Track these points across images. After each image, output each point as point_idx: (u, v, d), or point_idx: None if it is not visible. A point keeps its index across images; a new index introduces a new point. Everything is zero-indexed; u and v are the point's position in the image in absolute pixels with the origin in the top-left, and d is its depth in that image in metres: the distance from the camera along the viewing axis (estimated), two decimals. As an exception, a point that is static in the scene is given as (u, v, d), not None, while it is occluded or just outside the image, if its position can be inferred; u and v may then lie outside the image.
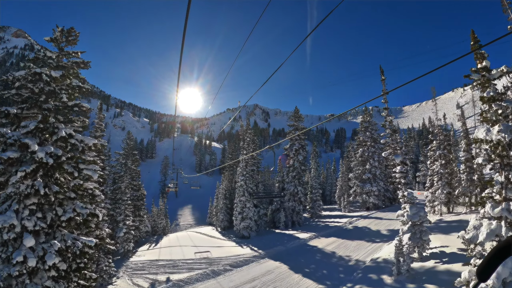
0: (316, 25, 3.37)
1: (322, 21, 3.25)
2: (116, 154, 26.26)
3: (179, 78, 3.57)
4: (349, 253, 18.48)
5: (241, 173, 26.85)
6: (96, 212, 9.78)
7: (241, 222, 26.39)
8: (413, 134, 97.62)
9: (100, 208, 14.79)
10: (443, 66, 2.92)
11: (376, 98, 3.81)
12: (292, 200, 30.98)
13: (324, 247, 20.25)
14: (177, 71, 3.34)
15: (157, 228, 33.04)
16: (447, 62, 2.83)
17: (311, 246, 21.01)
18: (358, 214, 32.56)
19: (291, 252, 19.47)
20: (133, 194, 25.58)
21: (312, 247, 20.84)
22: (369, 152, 36.78)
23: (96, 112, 25.70)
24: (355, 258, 17.29)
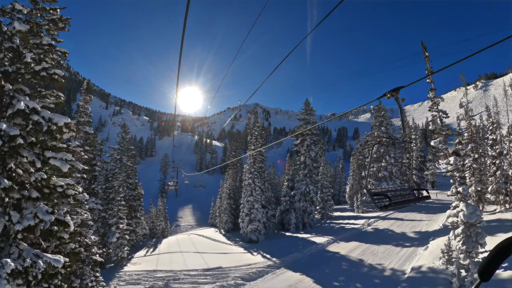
0: (316, 25, 3.41)
1: (322, 21, 3.27)
2: (110, 149, 23.38)
3: (179, 77, 3.65)
4: (379, 260, 15.79)
5: (248, 170, 24.04)
6: (66, 219, 6.93)
7: (249, 224, 23.58)
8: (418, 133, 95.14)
9: (84, 211, 11.97)
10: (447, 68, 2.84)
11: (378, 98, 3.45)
12: (303, 200, 28.20)
13: (347, 253, 17.52)
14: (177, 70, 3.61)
15: (156, 230, 30.16)
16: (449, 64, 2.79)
17: (332, 253, 18.27)
18: (375, 214, 29.86)
19: (310, 260, 16.70)
20: (128, 193, 22.72)
21: (333, 253, 18.10)
22: (384, 148, 34.01)
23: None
24: (389, 266, 14.61)
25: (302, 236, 24.29)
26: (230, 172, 32.06)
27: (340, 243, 20.46)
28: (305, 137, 29.74)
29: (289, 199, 29.08)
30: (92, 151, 20.71)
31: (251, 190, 23.44)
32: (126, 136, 23.79)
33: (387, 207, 2.98)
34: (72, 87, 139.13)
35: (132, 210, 22.57)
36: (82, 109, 13.24)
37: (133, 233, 23.19)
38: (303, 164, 28.70)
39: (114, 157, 22.89)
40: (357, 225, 25.77)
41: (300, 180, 28.30)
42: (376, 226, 24.90)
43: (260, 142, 25.44)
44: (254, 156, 24.22)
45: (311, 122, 30.15)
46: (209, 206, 52.70)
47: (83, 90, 13.43)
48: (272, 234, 26.83)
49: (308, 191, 28.13)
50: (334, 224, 29.03)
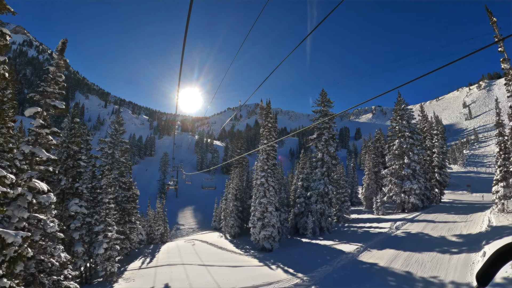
0: (316, 25, 3.26)
1: (322, 22, 3.12)
2: (101, 142, 19.82)
3: (180, 77, 3.52)
4: (431, 272, 12.45)
5: (261, 167, 20.52)
6: None
7: (261, 230, 20.02)
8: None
9: (49, 217, 8.44)
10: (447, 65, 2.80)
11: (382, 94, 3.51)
12: (320, 201, 24.70)
13: (388, 265, 14.04)
14: (178, 71, 3.24)
15: (154, 235, 26.51)
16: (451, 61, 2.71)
17: (368, 264, 14.78)
18: (399, 216, 26.44)
19: (345, 275, 13.18)
20: (121, 194, 19.12)
21: (370, 265, 14.62)
22: (407, 144, 30.54)
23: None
24: (447, 279, 11.25)
25: (323, 243, 20.79)
26: (236, 171, 28.53)
27: (372, 252, 17.11)
28: (322, 131, 26.29)
29: (304, 201, 25.57)
30: (77, 142, 17.17)
31: (264, 191, 19.90)
32: (119, 128, 20.25)
33: None
34: (70, 86, 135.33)
35: (125, 214, 18.97)
36: (52, 76, 9.61)
37: (126, 240, 19.58)
38: (320, 161, 25.21)
39: (104, 151, 19.31)
40: (384, 229, 22.48)
41: (317, 179, 24.80)
42: (407, 229, 21.64)
43: (273, 135, 21.93)
44: (267, 152, 20.70)
45: (328, 114, 26.69)
46: (211, 208, 49.03)
47: (57, 52, 9.85)
48: (286, 240, 23.30)
49: (326, 191, 24.66)
50: (354, 228, 25.61)
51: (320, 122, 26.39)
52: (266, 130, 21.48)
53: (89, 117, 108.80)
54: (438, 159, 37.00)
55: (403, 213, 28.84)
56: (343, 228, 26.42)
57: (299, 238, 23.89)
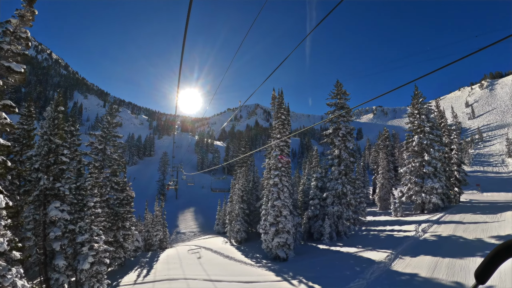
0: (315, 26, 3.29)
1: (321, 22, 3.14)
2: (91, 136, 17.07)
3: (180, 78, 3.50)
4: (488, 282, 9.49)
5: (274, 166, 17.80)
6: None
7: (275, 237, 17.28)
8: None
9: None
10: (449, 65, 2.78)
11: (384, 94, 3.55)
12: (337, 203, 22.02)
13: (430, 275, 11.46)
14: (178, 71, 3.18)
15: (152, 241, 23.65)
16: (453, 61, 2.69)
17: (407, 275, 12.17)
18: (422, 218, 23.89)
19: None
20: (113, 196, 16.33)
21: (410, 276, 12.04)
22: (427, 140, 27.98)
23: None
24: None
25: (345, 250, 18.12)
26: (242, 171, 25.80)
27: (405, 259, 14.62)
28: (339, 125, 23.66)
29: (318, 203, 22.89)
30: (60, 135, 14.43)
31: (278, 192, 17.16)
32: (112, 121, 17.52)
33: None
34: (69, 85, 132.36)
35: (118, 219, 16.20)
36: (12, 30, 6.76)
37: (120, 248, 16.78)
38: (337, 158, 22.54)
39: (94, 147, 16.55)
40: (409, 232, 20.05)
41: (334, 178, 22.11)
42: (436, 232, 19.25)
43: (287, 129, 19.23)
44: (280, 147, 18.00)
45: (345, 107, 24.04)
46: (213, 209, 46.20)
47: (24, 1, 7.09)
48: (300, 247, 20.58)
49: (344, 192, 22.00)
50: (374, 231, 22.97)
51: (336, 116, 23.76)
52: (279, 123, 18.77)
53: (87, 116, 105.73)
54: (458, 156, 34.46)
55: (423, 214, 26.44)
56: (360, 231, 23.76)
57: (314, 244, 21.18)
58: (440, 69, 2.77)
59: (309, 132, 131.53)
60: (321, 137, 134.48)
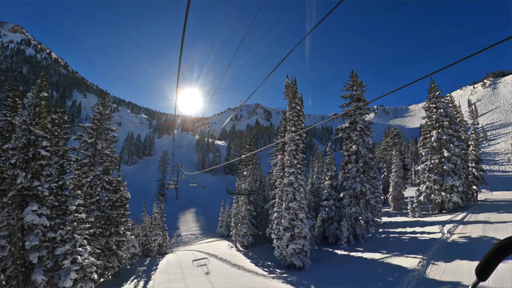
0: (315, 26, 3.31)
1: (321, 22, 3.15)
2: (80, 128, 14.83)
3: (179, 78, 3.50)
4: None
5: (288, 162, 15.53)
6: None
7: (290, 243, 15.03)
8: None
9: None
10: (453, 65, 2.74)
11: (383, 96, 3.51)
12: (354, 203, 19.83)
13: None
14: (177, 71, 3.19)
15: (150, 246, 21.31)
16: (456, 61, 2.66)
17: (449, 284, 10.90)
18: (443, 218, 22.01)
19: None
20: (105, 197, 14.06)
21: (453, 285, 10.43)
22: (446, 135, 25.88)
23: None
24: None
25: (368, 256, 16.01)
26: (249, 169, 23.55)
27: (439, 265, 12.99)
28: (355, 118, 21.46)
29: (334, 204, 20.67)
30: (42, 125, 12.18)
31: (294, 192, 14.90)
32: (104, 111, 15.26)
33: None
34: (68, 84, 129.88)
35: (111, 224, 13.93)
36: None
37: (113, 256, 14.51)
38: (354, 155, 20.31)
39: (83, 141, 14.28)
40: (434, 234, 18.50)
41: (351, 177, 19.89)
42: (464, 233, 17.70)
43: (302, 121, 16.98)
44: (295, 142, 15.77)
45: (362, 99, 21.83)
46: (214, 210, 43.91)
47: None
48: (315, 252, 18.32)
49: (363, 191, 19.80)
50: (394, 234, 20.91)
51: (352, 109, 21.61)
52: (293, 113, 16.50)
53: (86, 115, 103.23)
54: (476, 153, 32.34)
55: (442, 214, 24.63)
56: (378, 234, 21.61)
57: (330, 249, 18.96)
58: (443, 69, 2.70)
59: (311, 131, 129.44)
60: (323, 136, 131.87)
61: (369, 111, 21.83)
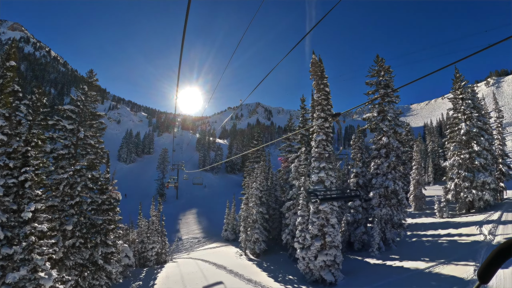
0: (315, 25, 3.12)
1: (320, 21, 3.00)
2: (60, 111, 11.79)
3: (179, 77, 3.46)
4: None
5: (317, 155, 12.50)
6: None
7: (319, 254, 12.07)
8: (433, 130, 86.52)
9: None
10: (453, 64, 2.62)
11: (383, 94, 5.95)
12: (385, 204, 16.92)
13: None
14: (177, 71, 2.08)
15: (147, 255, 18.15)
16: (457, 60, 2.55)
17: None
18: (477, 218, 19.49)
19: None
20: (88, 199, 11.01)
21: None
22: (476, 128, 23.17)
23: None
24: None
25: (408, 265, 13.28)
26: (260, 165, 20.53)
27: (497, 273, 10.15)
28: (383, 107, 18.53)
29: (360, 204, 17.72)
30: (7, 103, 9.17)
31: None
32: (91, 93, 12.24)
33: None
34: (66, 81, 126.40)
35: (96, 232, 10.90)
36: None
37: (100, 271, 11.48)
38: (384, 148, 17.35)
39: (62, 126, 11.23)
40: (474, 237, 15.89)
41: (382, 173, 16.93)
42: (508, 234, 15.62)
43: (331, 105, 14.00)
44: (325, 131, 12.79)
45: (390, 86, 18.90)
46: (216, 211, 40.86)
47: None
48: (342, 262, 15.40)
49: (395, 190, 16.90)
50: (426, 237, 18.35)
51: (380, 96, 18.67)
52: (322, 96, 13.49)
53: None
54: (502, 147, 29.58)
55: (471, 213, 22.23)
56: (407, 237, 18.78)
57: (359, 258, 16.03)
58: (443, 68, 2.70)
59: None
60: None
61: (398, 98, 18.88)
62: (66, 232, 10.34)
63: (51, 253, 7.37)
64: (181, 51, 2.73)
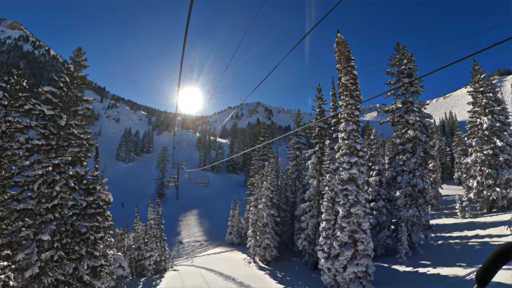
0: (314, 25, 3.15)
1: (320, 21, 3.01)
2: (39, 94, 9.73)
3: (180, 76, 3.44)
4: None
5: (346, 148, 10.44)
6: None
7: (349, 264, 10.08)
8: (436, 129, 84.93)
9: None
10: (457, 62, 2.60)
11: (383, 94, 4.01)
12: (412, 204, 14.98)
13: None
14: (178, 71, 3.28)
15: (144, 263, 15.92)
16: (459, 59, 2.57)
17: None
18: (503, 218, 17.53)
19: None
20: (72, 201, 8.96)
21: None
22: (499, 122, 21.42)
23: None
24: None
25: (446, 273, 11.57)
26: (271, 163, 18.49)
27: None
28: (407, 98, 16.56)
29: (384, 205, 15.72)
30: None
31: (357, 192, 9.92)
32: (78, 73, 10.19)
33: None
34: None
35: (81, 242, 8.85)
36: None
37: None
38: (411, 142, 15.38)
39: (39, 111, 9.17)
40: (507, 238, 13.80)
41: (409, 170, 14.95)
42: None
43: (359, 90, 12.00)
44: (354, 119, 10.80)
45: (414, 75, 16.92)
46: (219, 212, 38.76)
47: None
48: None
49: (423, 188, 14.95)
50: (453, 239, 16.44)
51: (402, 86, 16.71)
52: (350, 80, 11.49)
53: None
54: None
55: (493, 213, 20.69)
56: (431, 240, 16.84)
57: (385, 265, 14.06)
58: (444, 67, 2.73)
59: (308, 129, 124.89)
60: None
61: (423, 88, 16.91)
62: (42, 243, 8.28)
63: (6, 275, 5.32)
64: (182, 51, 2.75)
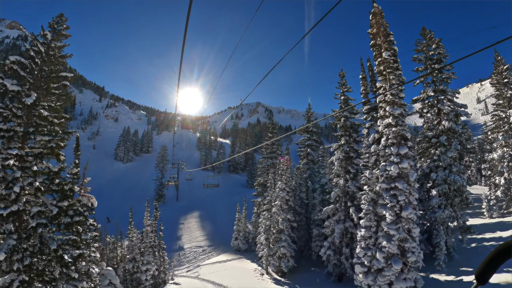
0: (314, 25, 3.12)
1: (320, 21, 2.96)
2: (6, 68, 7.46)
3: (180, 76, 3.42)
4: None
5: (396, 137, 8.32)
6: None
7: (396, 279, 7.99)
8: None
9: None
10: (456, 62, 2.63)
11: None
12: (445, 204, 12.95)
13: None
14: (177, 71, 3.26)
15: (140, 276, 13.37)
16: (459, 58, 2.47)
17: None
18: None
19: None
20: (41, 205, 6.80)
21: None
22: None
23: None
24: None
25: (495, 280, 9.49)
26: (285, 159, 16.34)
27: None
28: (437, 86, 14.52)
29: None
30: None
31: (409, 193, 7.86)
32: (56, 40, 8.03)
33: None
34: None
35: (53, 260, 6.71)
36: None
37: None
38: (445, 134, 13.35)
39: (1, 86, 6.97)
40: None
41: (444, 166, 12.90)
42: None
43: (400, 70, 9.94)
44: (399, 103, 8.72)
45: (443, 61, 14.89)
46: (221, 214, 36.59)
47: None
48: None
49: (463, 185, 12.94)
50: (488, 241, 14.45)
51: (431, 73, 14.69)
52: (390, 56, 9.42)
53: (81, 110, 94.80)
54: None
55: None
56: (463, 243, 14.82)
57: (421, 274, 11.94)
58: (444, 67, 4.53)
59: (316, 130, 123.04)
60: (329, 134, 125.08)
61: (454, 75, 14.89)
62: None
63: None
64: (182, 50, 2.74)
